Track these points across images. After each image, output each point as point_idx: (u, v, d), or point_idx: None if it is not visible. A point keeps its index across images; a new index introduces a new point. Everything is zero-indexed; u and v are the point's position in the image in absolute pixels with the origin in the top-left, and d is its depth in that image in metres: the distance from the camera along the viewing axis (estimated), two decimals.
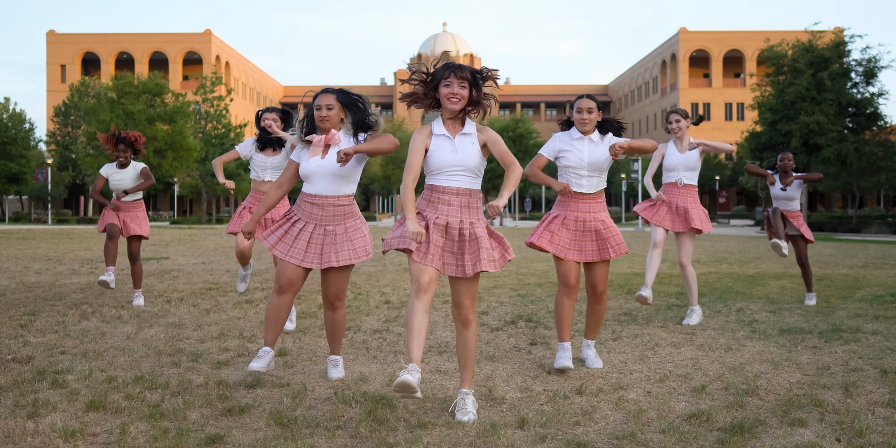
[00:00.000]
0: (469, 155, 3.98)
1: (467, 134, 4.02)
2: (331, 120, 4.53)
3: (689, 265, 7.01)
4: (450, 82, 3.93)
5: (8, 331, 6.38)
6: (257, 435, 3.62)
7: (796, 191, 8.33)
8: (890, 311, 7.77)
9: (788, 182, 8.26)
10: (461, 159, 3.97)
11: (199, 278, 10.97)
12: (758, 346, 5.88)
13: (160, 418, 3.87)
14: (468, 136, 4.02)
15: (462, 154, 3.98)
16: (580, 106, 5.07)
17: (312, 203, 4.57)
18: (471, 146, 3.99)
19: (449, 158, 3.97)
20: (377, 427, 3.74)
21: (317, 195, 4.55)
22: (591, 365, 5.17)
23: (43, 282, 10.24)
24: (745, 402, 4.21)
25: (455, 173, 3.99)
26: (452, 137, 4.00)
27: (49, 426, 3.68)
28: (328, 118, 4.52)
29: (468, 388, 4.03)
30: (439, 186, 4.01)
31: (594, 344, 5.36)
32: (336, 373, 4.83)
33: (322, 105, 4.53)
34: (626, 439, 3.58)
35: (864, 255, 17.73)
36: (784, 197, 8.35)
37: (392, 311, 7.72)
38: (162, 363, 5.20)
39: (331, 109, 4.52)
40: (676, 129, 7.09)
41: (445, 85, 3.94)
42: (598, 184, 5.05)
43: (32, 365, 5.07)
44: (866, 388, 4.52)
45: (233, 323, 6.94)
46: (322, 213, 4.56)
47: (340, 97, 4.56)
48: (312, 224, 4.59)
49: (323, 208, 4.55)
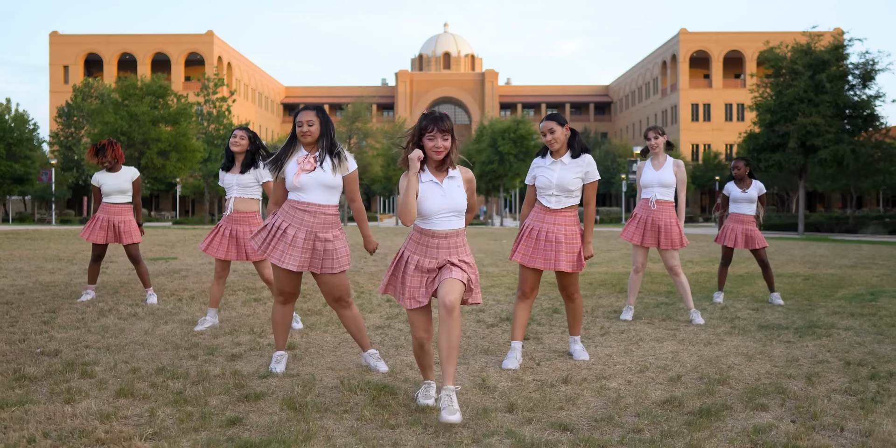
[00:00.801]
0: (457, 198, 4.23)
1: (453, 177, 4.27)
2: (312, 135, 4.96)
3: (681, 273, 7.32)
4: (433, 136, 4.17)
5: (33, 326, 6.79)
6: (272, 418, 4.03)
7: (754, 191, 8.83)
8: (866, 308, 8.18)
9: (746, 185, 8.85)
10: (451, 203, 4.21)
11: (208, 278, 11.38)
12: (735, 341, 6.29)
13: (184, 404, 4.28)
14: (454, 179, 4.27)
15: (451, 198, 4.21)
16: (542, 129, 5.42)
17: (305, 211, 4.91)
18: (457, 189, 4.24)
19: (440, 203, 4.19)
20: (380, 411, 4.15)
21: (310, 203, 4.92)
22: (578, 357, 5.59)
23: (58, 281, 10.65)
24: (715, 390, 4.62)
25: (445, 217, 4.22)
26: (440, 183, 4.23)
27: (85, 410, 4.09)
28: (310, 133, 4.95)
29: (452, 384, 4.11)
30: (429, 230, 4.23)
31: (580, 339, 5.82)
32: (381, 365, 5.15)
33: (303, 121, 4.95)
34: (604, 421, 3.98)
35: (856, 255, 18.12)
36: (744, 199, 8.85)
37: (393, 310, 8.13)
38: (180, 356, 5.61)
39: (311, 125, 4.95)
40: (655, 145, 7.31)
41: (429, 138, 4.17)
42: (567, 202, 5.40)
43: (60, 357, 5.48)
44: (828, 378, 4.93)
45: (243, 320, 7.35)
46: (314, 220, 4.91)
47: (320, 114, 5.01)
48: (304, 230, 4.90)
49: (315, 216, 4.91)
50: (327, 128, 5.00)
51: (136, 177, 8.58)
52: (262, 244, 5.01)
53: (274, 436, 3.68)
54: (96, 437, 3.64)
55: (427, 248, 4.24)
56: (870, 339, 6.38)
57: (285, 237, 4.93)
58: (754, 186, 8.85)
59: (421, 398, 4.33)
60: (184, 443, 3.60)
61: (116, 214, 8.44)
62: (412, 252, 4.28)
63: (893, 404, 4.28)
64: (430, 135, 4.18)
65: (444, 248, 4.23)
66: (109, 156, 8.40)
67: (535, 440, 3.65)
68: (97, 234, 8.38)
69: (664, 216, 7.25)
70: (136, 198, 8.63)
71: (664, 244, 7.22)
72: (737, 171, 8.84)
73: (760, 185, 8.88)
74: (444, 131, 4.19)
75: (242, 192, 6.78)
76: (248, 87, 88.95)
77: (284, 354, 5.20)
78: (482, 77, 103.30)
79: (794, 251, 19.67)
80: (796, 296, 9.42)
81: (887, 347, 5.99)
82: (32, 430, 3.72)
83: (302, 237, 4.90)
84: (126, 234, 8.45)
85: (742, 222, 8.87)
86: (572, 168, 5.38)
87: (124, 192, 8.49)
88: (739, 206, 8.92)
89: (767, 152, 37.21)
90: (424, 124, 4.20)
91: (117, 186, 8.43)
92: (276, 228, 4.99)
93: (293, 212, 4.94)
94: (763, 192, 8.93)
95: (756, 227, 8.88)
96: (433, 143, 4.18)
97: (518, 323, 5.50)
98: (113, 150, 8.44)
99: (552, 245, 5.35)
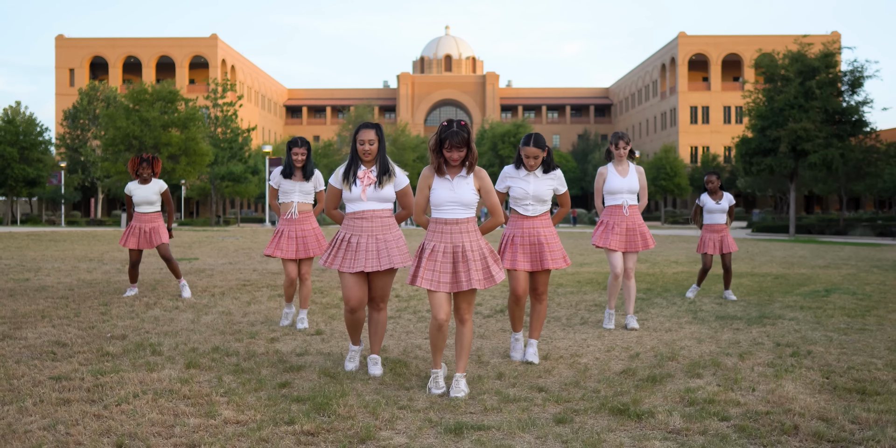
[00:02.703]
0: (464, 193, 4.89)
1: (463, 177, 4.95)
2: (372, 153, 5.42)
3: (633, 277, 7.62)
4: (450, 148, 4.87)
5: (95, 317, 7.94)
6: (314, 383, 5.18)
7: (726, 202, 9.99)
8: (816, 303, 9.33)
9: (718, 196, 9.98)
10: (457, 197, 4.91)
11: (232, 276, 12.54)
12: (693, 328, 7.44)
13: (241, 373, 5.43)
14: (464, 178, 4.94)
15: (458, 193, 4.90)
16: (527, 153, 5.89)
17: (362, 218, 5.39)
18: (466, 186, 4.91)
19: (447, 196, 4.91)
20: (397, 378, 5.30)
21: (365, 211, 5.39)
22: (530, 358, 5.86)
23: (98, 279, 11.81)
24: (664, 364, 5.77)
25: (452, 208, 4.93)
26: (451, 179, 4.96)
27: (167, 376, 5.24)
28: (370, 152, 5.41)
29: (462, 372, 4.96)
30: (441, 219, 4.95)
31: (537, 343, 6.19)
32: (376, 370, 5.47)
33: (365, 140, 5.38)
34: (572, 385, 5.13)
35: (833, 256, 19.25)
36: (718, 210, 10.02)
37: (402, 303, 9.27)
38: (227, 339, 6.76)
39: (373, 144, 5.40)
40: (623, 154, 7.58)
41: (447, 149, 4.88)
42: (541, 208, 6.03)
43: (129, 340, 6.64)
44: (757, 355, 6.08)
45: (272, 312, 8.50)
46: (372, 224, 5.38)
47: (378, 133, 5.45)
48: (366, 236, 5.38)
49: (372, 221, 5.38)
50: (383, 145, 5.46)
51: (164, 189, 9.69)
52: (328, 257, 5.47)
53: (318, 393, 4.82)
54: (183, 393, 4.79)
55: (442, 234, 4.93)
56: (807, 327, 7.53)
57: (350, 246, 5.39)
58: (725, 198, 9.99)
59: (433, 388, 4.89)
60: (249, 398, 4.74)
61: (147, 222, 9.63)
62: (430, 239, 4.97)
63: (800, 373, 5.43)
64: (448, 147, 4.88)
65: (457, 233, 4.90)
66: (153, 170, 9.63)
67: (516, 397, 4.79)
68: (131, 240, 9.58)
69: (637, 220, 7.58)
70: (168, 206, 9.81)
71: (641, 246, 7.53)
72: (711, 185, 9.96)
73: (730, 196, 10.01)
74: (458, 146, 4.85)
75: (304, 197, 7.53)
76: (251, 90, 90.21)
77: (359, 349, 5.69)
78: (483, 79, 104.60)
79: (776, 252, 20.82)
80: (760, 292, 10.56)
81: (818, 333, 7.13)
82: (133, 389, 4.86)
83: (364, 242, 5.36)
84: (156, 236, 9.61)
85: (717, 231, 9.99)
86: (545, 181, 5.99)
87: (152, 203, 9.64)
88: (714, 216, 10.04)
89: (759, 156, 38.44)
90: (443, 137, 4.87)
91: (146, 198, 9.57)
92: (339, 241, 5.47)
93: (352, 222, 5.42)
94: (733, 202, 10.05)
95: (728, 234, 9.99)
96: (450, 154, 4.88)
97: (516, 318, 6.11)
98: (153, 165, 9.63)
99: (535, 247, 5.95)
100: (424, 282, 4.90)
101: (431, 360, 5.20)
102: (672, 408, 4.50)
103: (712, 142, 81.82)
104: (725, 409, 4.49)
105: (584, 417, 4.34)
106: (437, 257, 4.93)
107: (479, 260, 4.95)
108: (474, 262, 4.91)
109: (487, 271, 4.95)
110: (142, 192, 9.55)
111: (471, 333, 5.02)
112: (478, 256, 4.95)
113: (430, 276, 4.91)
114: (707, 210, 10.07)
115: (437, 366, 5.02)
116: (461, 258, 4.90)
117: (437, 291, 4.91)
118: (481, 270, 4.93)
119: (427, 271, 4.91)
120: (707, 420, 4.25)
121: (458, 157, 4.89)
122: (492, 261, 4.98)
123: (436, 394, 4.86)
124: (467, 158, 4.93)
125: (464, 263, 4.89)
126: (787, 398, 4.72)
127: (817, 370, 5.54)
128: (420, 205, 5.08)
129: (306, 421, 4.19)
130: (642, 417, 4.31)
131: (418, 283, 4.91)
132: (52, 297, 9.45)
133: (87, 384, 4.99)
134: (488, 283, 4.93)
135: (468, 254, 4.91)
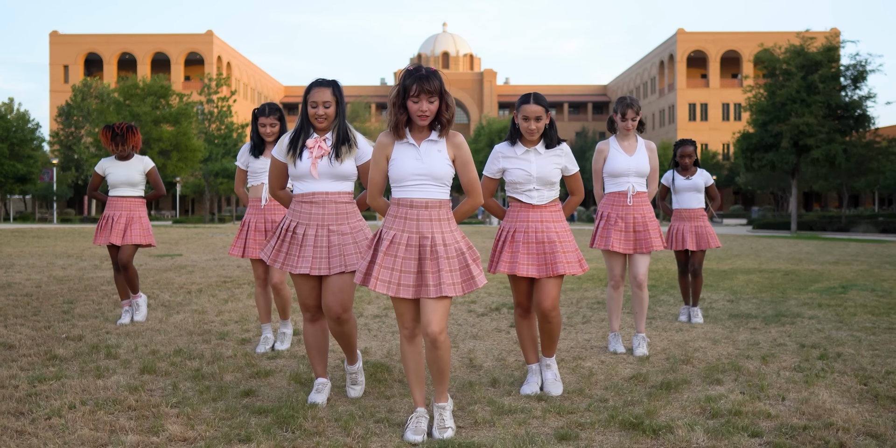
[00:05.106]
0: (436, 163, 3.67)
1: (434, 141, 3.72)
2: (328, 118, 4.17)
3: (645, 286, 5.82)
4: (417, 98, 3.62)
5: (55, 315, 7.30)
6: (282, 390, 4.54)
7: (700, 179, 7.35)
8: (834, 300, 8.70)
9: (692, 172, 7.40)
10: (426, 168, 3.66)
11: (213, 273, 11.90)
12: (706, 328, 6.81)
13: (202, 379, 4.79)
14: (435, 143, 3.71)
15: (427, 162, 3.67)
16: (527, 113, 4.41)
17: (312, 202, 4.15)
18: (438, 154, 3.69)
19: (413, 167, 3.67)
20: (377, 385, 4.67)
21: (316, 193, 4.14)
22: (549, 389, 4.55)
23: (71, 276, 11.16)
24: (678, 368, 5.14)
25: (421, 184, 3.69)
26: (418, 145, 3.70)
27: (115, 383, 4.60)
28: (325, 116, 4.15)
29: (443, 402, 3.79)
30: (406, 199, 3.70)
31: (553, 362, 4.69)
32: (354, 391, 4.49)
33: (318, 101, 4.13)
34: (576, 393, 4.50)
35: (841, 252, 18.66)
36: (689, 188, 7.34)
37: (390, 301, 8.63)
38: (194, 341, 6.12)
39: (328, 107, 4.15)
40: (631, 126, 5.72)
41: (413, 101, 3.62)
42: (550, 195, 4.54)
43: (85, 342, 5.99)
44: (782, 358, 5.45)
45: (249, 310, 7.86)
46: (324, 212, 4.14)
47: (336, 92, 4.18)
48: (314, 226, 4.15)
49: (324, 207, 4.14)
50: (342, 108, 4.20)
51: (151, 167, 7.23)
52: (270, 252, 4.26)
53: (283, 403, 4.19)
54: (128, 404, 4.15)
55: (405, 220, 3.70)
56: (830, 326, 6.90)
57: (295, 238, 4.18)
58: (700, 174, 7.34)
59: (410, 434, 3.60)
60: (205, 410, 4.11)
61: (126, 210, 7.07)
62: (388, 227, 3.75)
63: (833, 379, 4.80)
64: (415, 97, 3.62)
65: (425, 221, 3.68)
66: (130, 142, 7.10)
67: (512, 407, 4.16)
68: (102, 235, 7.05)
69: (643, 211, 5.71)
70: (158, 189, 7.24)
71: (645, 247, 5.68)
72: (688, 159, 7.36)
73: (707, 173, 7.41)
74: (429, 93, 3.60)
75: None
76: (247, 87, 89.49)
77: (326, 383, 4.36)
78: (481, 76, 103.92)
79: (781, 249, 20.22)
80: (772, 289, 9.94)
81: (843, 333, 6.51)
82: (71, 399, 4.23)
83: (312, 234, 4.13)
84: (129, 230, 7.02)
85: (689, 219, 7.33)
86: (550, 158, 4.52)
87: (134, 185, 7.14)
88: (684, 197, 7.36)
89: (761, 152, 37.80)
90: (408, 83, 3.62)
91: (126, 177, 7.08)
92: (283, 230, 4.24)
93: (299, 207, 4.18)
94: (710, 182, 7.39)
95: (708, 223, 7.36)
96: (417, 105, 3.62)
97: (527, 343, 4.68)
98: (133, 135, 7.14)
99: (544, 247, 4.47)
100: (380, 284, 3.66)
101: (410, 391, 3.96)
102: (693, 421, 3.87)
103: (711, 139, 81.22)
104: (755, 423, 3.86)
105: (591, 433, 3.71)
106: (397, 251, 3.69)
107: (455, 256, 3.70)
108: (447, 260, 3.66)
109: (466, 272, 3.71)
110: (121, 171, 7.06)
111: (447, 353, 3.71)
112: (453, 252, 3.70)
113: (387, 276, 3.68)
114: (675, 189, 7.42)
115: (419, 402, 3.81)
116: (429, 254, 3.65)
117: (397, 297, 3.74)
118: (458, 271, 3.69)
119: (384, 270, 3.68)
120: (735, 436, 3.62)
121: (429, 110, 3.60)
122: (470, 259, 3.75)
123: (413, 440, 3.56)
124: (440, 116, 3.66)
125: (433, 261, 3.64)
126: (824, 409, 4.09)
127: (852, 375, 4.91)
128: (376, 182, 3.80)
129: (264, 438, 3.55)
130: (659, 433, 3.68)
131: (371, 286, 3.67)
132: (14, 295, 8.81)
133: (19, 393, 4.36)
134: (466, 288, 3.70)
135: (439, 249, 3.66)
